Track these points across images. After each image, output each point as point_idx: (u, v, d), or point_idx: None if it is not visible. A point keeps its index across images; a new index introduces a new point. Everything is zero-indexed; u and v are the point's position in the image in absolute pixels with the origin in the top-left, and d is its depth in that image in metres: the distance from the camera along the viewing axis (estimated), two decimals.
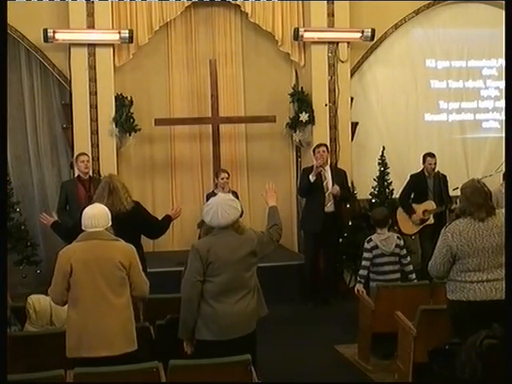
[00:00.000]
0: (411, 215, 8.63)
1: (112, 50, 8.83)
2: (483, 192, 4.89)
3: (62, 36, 8.62)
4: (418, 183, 8.75)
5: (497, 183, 8.63)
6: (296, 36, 9.09)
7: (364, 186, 9.40)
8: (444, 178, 8.77)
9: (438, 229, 5.51)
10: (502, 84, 9.48)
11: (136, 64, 9.16)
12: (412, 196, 8.78)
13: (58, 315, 5.28)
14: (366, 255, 6.63)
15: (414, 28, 9.92)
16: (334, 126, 9.26)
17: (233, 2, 9.21)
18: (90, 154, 8.47)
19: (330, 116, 9.26)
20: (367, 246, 6.64)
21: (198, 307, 4.55)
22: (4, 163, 6.92)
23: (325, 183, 8.32)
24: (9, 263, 7.05)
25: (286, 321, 7.50)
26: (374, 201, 9.20)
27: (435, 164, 8.69)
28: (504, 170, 7.44)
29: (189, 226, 8.91)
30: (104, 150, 8.78)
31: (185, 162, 9.53)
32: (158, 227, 6.24)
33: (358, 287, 6.56)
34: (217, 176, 8.40)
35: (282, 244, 9.20)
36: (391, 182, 9.27)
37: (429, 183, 8.72)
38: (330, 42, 9.23)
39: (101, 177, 8.15)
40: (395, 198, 9.10)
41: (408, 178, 8.86)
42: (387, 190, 9.25)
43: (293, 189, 9.64)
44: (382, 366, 6.15)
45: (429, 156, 8.72)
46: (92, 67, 8.72)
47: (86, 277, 4.49)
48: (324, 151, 8.34)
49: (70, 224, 6.27)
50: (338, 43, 9.24)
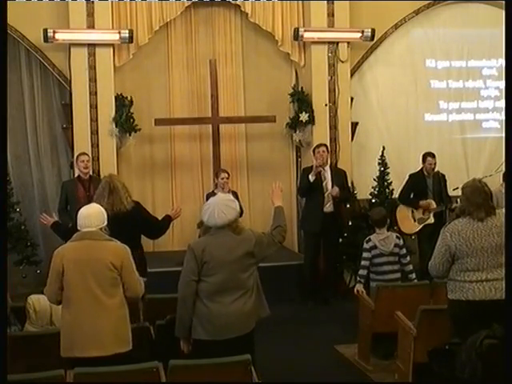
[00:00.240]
0: (417, 208, 8.60)
1: (112, 50, 8.83)
2: (483, 192, 4.89)
3: (62, 36, 8.62)
4: (417, 183, 8.75)
5: (497, 183, 8.62)
6: (296, 36, 9.09)
7: (364, 186, 9.40)
8: (443, 177, 8.76)
9: (437, 229, 5.51)
10: (502, 84, 9.48)
11: (136, 64, 9.16)
12: (411, 196, 8.77)
13: (58, 315, 5.25)
14: (365, 255, 6.63)
15: (413, 28, 9.92)
16: (334, 126, 9.26)
17: (233, 2, 9.21)
18: (90, 153, 8.46)
19: (330, 116, 9.26)
20: (366, 245, 6.64)
21: (192, 306, 4.56)
22: (4, 163, 6.92)
23: (324, 183, 8.32)
24: (9, 263, 7.05)
25: (286, 321, 7.49)
26: (373, 201, 9.20)
27: (435, 164, 8.70)
28: (504, 169, 7.45)
29: (189, 226, 8.90)
30: (104, 150, 8.78)
31: (185, 162, 9.53)
32: (158, 227, 6.24)
33: (358, 287, 6.55)
34: (217, 176, 8.40)
35: (282, 244, 9.23)
36: (391, 182, 9.27)
37: (428, 183, 8.72)
38: (330, 42, 9.23)
39: (100, 177, 8.17)
40: (395, 197, 9.10)
41: (407, 177, 8.87)
42: (387, 190, 9.26)
43: (293, 189, 9.63)
44: (382, 366, 6.14)
45: (429, 156, 8.71)
46: (92, 67, 8.72)
47: (77, 277, 4.49)
48: (324, 151, 8.34)
49: (70, 224, 6.27)
50: (338, 43, 9.24)
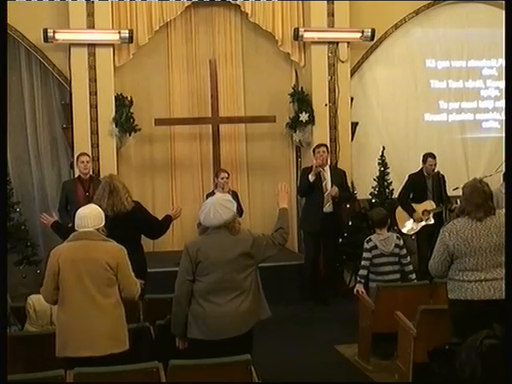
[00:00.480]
0: (412, 214, 8.62)
1: (112, 50, 8.82)
2: (482, 192, 4.89)
3: (62, 36, 8.62)
4: (417, 183, 8.75)
5: (497, 183, 8.62)
6: (296, 36, 9.09)
7: (364, 186, 9.40)
8: (443, 177, 8.76)
9: (436, 229, 5.51)
10: (502, 84, 9.47)
11: (136, 64, 9.15)
12: (411, 196, 8.77)
13: None
14: (365, 255, 6.61)
15: (413, 28, 9.92)
16: (334, 126, 9.26)
17: (233, 2, 9.21)
18: (90, 154, 8.45)
19: (330, 116, 9.25)
20: (366, 246, 6.62)
21: (187, 306, 4.57)
22: (4, 163, 6.92)
23: (324, 183, 8.32)
24: (9, 263, 7.05)
25: (285, 321, 7.49)
26: (373, 201, 9.20)
27: (435, 165, 8.70)
28: (504, 169, 7.45)
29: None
30: (104, 150, 8.78)
31: (185, 162, 9.52)
32: (159, 227, 6.24)
33: (359, 288, 6.54)
34: (217, 176, 8.40)
35: (283, 246, 9.23)
36: (391, 182, 9.27)
37: (428, 183, 8.72)
38: (329, 42, 9.23)
39: (99, 177, 8.17)
40: (395, 198, 9.10)
41: (406, 177, 8.87)
42: (387, 190, 9.25)
43: (293, 189, 9.60)
44: (382, 366, 6.15)
45: (430, 157, 8.70)
46: (92, 67, 8.72)
47: (72, 277, 4.49)
48: (324, 151, 8.34)
49: (70, 224, 6.27)
50: (338, 43, 9.24)
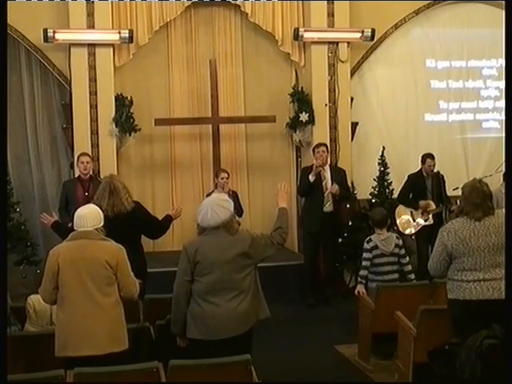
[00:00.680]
0: (416, 208, 8.59)
1: (112, 50, 8.82)
2: (481, 192, 4.89)
3: (62, 36, 8.62)
4: (416, 183, 8.73)
5: (497, 183, 8.62)
6: (296, 36, 9.09)
7: (364, 186, 9.40)
8: (442, 177, 8.75)
9: (436, 229, 5.51)
10: (502, 84, 9.47)
11: (136, 64, 9.15)
12: (411, 196, 8.76)
13: None
14: (365, 255, 6.59)
15: (413, 28, 9.92)
16: (334, 126, 9.25)
17: (233, 2, 9.20)
18: (90, 153, 8.43)
19: (330, 116, 9.25)
20: (367, 246, 6.60)
21: (185, 306, 4.58)
22: (4, 163, 6.92)
23: (324, 183, 8.31)
24: (9, 263, 7.05)
25: (285, 321, 7.50)
26: (373, 201, 9.20)
27: (434, 165, 8.69)
28: (504, 169, 7.44)
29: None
30: (104, 150, 8.78)
31: (185, 162, 9.52)
32: (159, 227, 6.25)
33: (359, 288, 6.52)
34: (217, 176, 8.40)
35: (282, 246, 9.22)
36: (391, 182, 9.27)
37: (427, 183, 8.71)
38: (330, 42, 9.23)
39: (99, 176, 8.17)
40: (395, 198, 9.09)
41: (406, 178, 8.86)
42: (387, 190, 9.25)
43: (293, 189, 9.59)
44: (382, 365, 6.15)
45: (428, 157, 8.69)
46: (92, 67, 8.71)
47: (72, 276, 4.50)
48: (324, 151, 8.33)
49: (70, 224, 6.26)
50: (338, 43, 9.24)
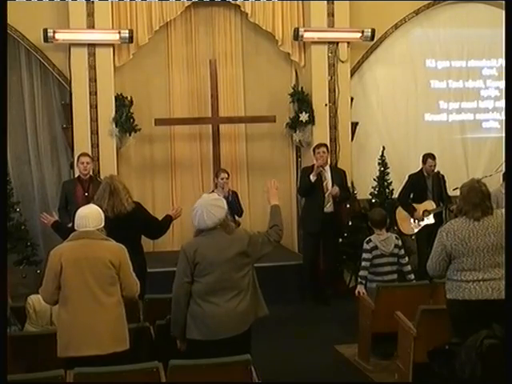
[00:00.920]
0: (413, 214, 8.61)
1: (112, 50, 8.82)
2: (480, 192, 4.88)
3: (62, 36, 8.62)
4: (417, 183, 8.74)
5: (497, 183, 8.62)
6: (296, 36, 9.09)
7: (364, 186, 9.40)
8: (443, 177, 8.75)
9: (436, 229, 5.51)
10: (502, 84, 9.47)
11: (136, 64, 9.15)
12: (411, 196, 8.77)
13: None
14: (365, 256, 6.57)
15: (413, 28, 9.92)
16: (334, 126, 9.26)
17: (233, 2, 9.21)
18: (90, 153, 8.43)
19: (330, 116, 9.25)
20: (367, 246, 6.59)
21: (186, 307, 4.56)
22: (4, 163, 6.91)
23: (324, 183, 8.31)
24: (9, 263, 7.05)
25: (285, 321, 7.50)
26: (373, 201, 9.21)
27: (435, 166, 8.69)
28: (504, 169, 7.44)
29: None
30: (104, 150, 8.78)
31: (185, 162, 9.52)
32: (159, 227, 6.25)
33: (359, 289, 6.51)
34: (217, 176, 8.40)
35: (282, 244, 9.20)
36: (391, 182, 9.28)
37: (428, 183, 8.71)
38: (330, 42, 9.23)
39: (99, 177, 8.17)
40: (395, 198, 9.09)
41: (406, 178, 8.87)
42: (387, 190, 9.26)
43: (293, 189, 9.63)
44: (382, 365, 6.14)
45: (430, 158, 8.69)
46: (92, 67, 8.71)
47: (75, 276, 4.49)
48: (324, 151, 8.34)
49: (70, 224, 6.26)
50: (338, 43, 9.24)
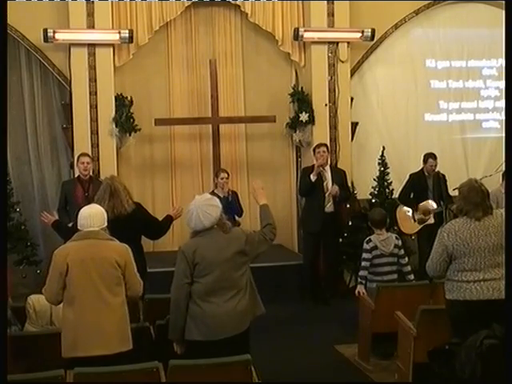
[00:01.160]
0: (415, 210, 8.59)
1: (112, 50, 8.82)
2: (480, 191, 4.88)
3: (62, 36, 8.62)
4: (417, 183, 8.74)
5: (497, 183, 8.62)
6: (296, 36, 9.09)
7: (364, 186, 9.40)
8: (443, 177, 8.76)
9: (436, 229, 5.51)
10: (502, 84, 9.47)
11: (136, 64, 9.15)
12: (412, 196, 8.77)
13: (58, 315, 5.27)
14: (365, 256, 6.57)
15: (413, 28, 9.92)
16: (334, 126, 9.25)
17: (233, 2, 9.21)
18: (90, 153, 8.43)
19: (330, 116, 9.25)
20: (367, 246, 6.58)
21: (186, 309, 4.54)
22: (4, 163, 6.91)
23: (325, 183, 8.32)
24: (9, 263, 7.05)
25: (286, 321, 7.50)
26: (373, 201, 9.20)
27: (436, 165, 8.70)
28: (504, 169, 7.44)
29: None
30: (104, 150, 8.78)
31: (185, 162, 9.52)
32: (159, 228, 6.25)
33: (359, 289, 6.51)
34: (217, 176, 8.41)
35: (281, 244, 9.24)
36: (391, 182, 9.27)
37: (428, 183, 8.72)
38: (330, 42, 9.23)
39: (99, 177, 8.17)
40: (395, 198, 9.09)
41: (407, 177, 8.87)
42: (387, 190, 9.24)
43: (293, 189, 9.63)
44: (382, 365, 6.15)
45: (431, 157, 8.70)
46: (92, 67, 8.71)
47: (82, 276, 4.49)
48: (324, 151, 8.34)
49: (70, 224, 6.27)
50: (338, 43, 9.24)
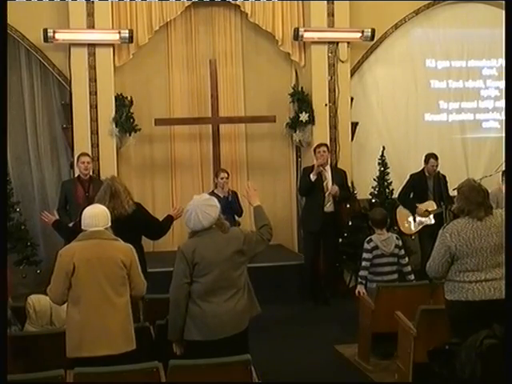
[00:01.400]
0: (415, 211, 8.59)
1: (112, 50, 8.83)
2: (481, 191, 4.89)
3: (62, 36, 8.62)
4: (418, 183, 8.74)
5: (497, 183, 8.62)
6: (296, 36, 9.09)
7: (364, 186, 9.40)
8: (444, 178, 8.76)
9: (437, 229, 5.50)
10: (502, 84, 9.48)
11: (136, 64, 9.15)
12: (412, 196, 8.77)
13: (58, 315, 5.28)
14: (366, 256, 6.56)
15: (413, 28, 9.92)
16: (334, 126, 9.25)
17: (233, 2, 9.21)
18: (90, 153, 8.43)
19: (330, 116, 9.25)
20: (367, 246, 6.57)
21: (185, 309, 4.54)
22: (4, 163, 6.91)
23: (325, 183, 8.32)
24: (9, 263, 7.05)
25: (286, 321, 7.51)
26: (374, 201, 9.20)
27: (437, 166, 8.69)
28: (504, 169, 7.44)
29: None
30: (104, 150, 8.78)
31: (185, 162, 9.52)
32: (160, 228, 6.25)
33: (359, 289, 6.51)
34: (217, 176, 8.41)
35: (281, 244, 9.24)
36: (391, 182, 9.27)
37: (429, 183, 8.72)
38: (330, 42, 9.23)
39: (100, 177, 8.17)
40: (395, 198, 9.09)
41: (408, 177, 8.86)
42: (387, 190, 9.25)
43: (293, 189, 9.63)
44: (382, 365, 6.15)
45: (432, 158, 8.69)
46: (92, 67, 8.72)
47: (88, 276, 4.49)
48: (325, 151, 8.34)
49: (70, 224, 6.27)
50: (338, 43, 9.24)
